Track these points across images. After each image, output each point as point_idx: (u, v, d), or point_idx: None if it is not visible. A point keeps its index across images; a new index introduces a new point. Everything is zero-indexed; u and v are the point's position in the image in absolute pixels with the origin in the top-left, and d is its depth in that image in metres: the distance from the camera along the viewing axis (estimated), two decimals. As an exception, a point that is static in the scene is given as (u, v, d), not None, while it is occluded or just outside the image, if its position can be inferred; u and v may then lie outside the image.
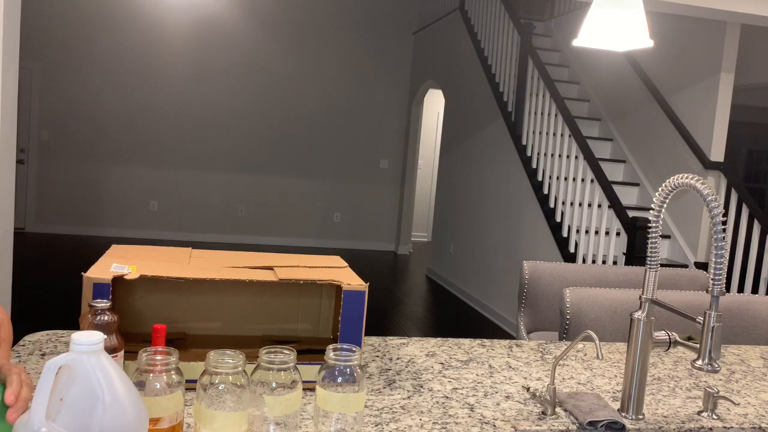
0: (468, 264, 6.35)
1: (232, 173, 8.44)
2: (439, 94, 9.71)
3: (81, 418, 0.74)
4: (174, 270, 1.18)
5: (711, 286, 1.08)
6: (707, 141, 4.80)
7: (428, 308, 6.02)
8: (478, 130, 6.31)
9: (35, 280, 5.59)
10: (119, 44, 7.92)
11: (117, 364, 0.84)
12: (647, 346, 1.21)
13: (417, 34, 8.63)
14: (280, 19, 8.36)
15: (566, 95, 6.47)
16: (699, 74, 4.94)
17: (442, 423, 1.11)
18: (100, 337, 0.77)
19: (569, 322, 2.12)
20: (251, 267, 1.26)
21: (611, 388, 1.37)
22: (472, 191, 6.37)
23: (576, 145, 4.71)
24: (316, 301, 1.37)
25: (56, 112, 7.87)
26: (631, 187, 5.46)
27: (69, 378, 0.75)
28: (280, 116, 8.52)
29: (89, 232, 8.05)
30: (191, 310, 1.30)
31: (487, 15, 6.27)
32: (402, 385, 1.27)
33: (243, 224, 8.54)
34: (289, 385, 0.94)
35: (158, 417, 0.90)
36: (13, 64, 2.91)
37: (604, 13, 1.66)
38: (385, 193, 9.00)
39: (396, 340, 1.57)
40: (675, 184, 1.15)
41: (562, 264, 2.70)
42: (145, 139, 8.15)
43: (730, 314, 2.20)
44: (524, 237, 5.27)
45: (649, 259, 1.21)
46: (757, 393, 1.42)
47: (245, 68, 8.32)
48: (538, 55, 5.33)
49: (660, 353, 1.67)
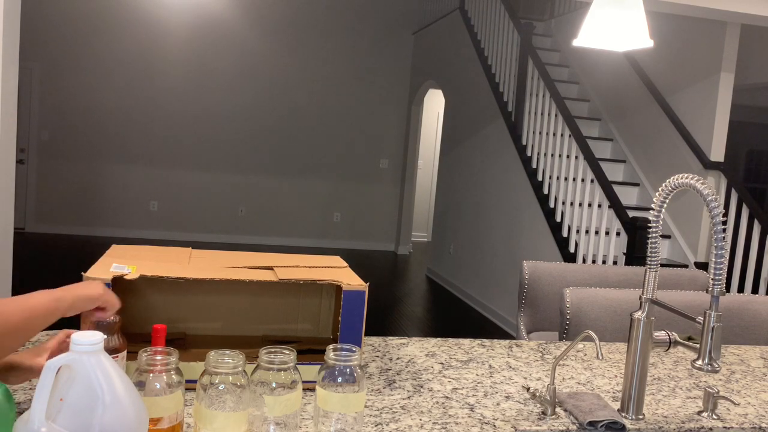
0: (468, 264, 6.35)
1: (232, 173, 8.44)
2: (439, 94, 9.71)
3: (81, 418, 0.74)
4: (174, 270, 1.18)
5: (711, 286, 1.08)
6: (707, 141, 4.80)
7: (428, 308, 6.02)
8: (478, 130, 6.31)
9: (35, 280, 5.58)
10: (119, 44, 7.92)
11: (118, 365, 0.84)
12: (647, 346, 1.21)
13: (417, 34, 8.63)
14: (280, 19, 8.36)
15: (566, 95, 6.47)
16: (699, 74, 4.94)
17: (442, 423, 1.11)
18: (100, 337, 0.77)
19: (569, 322, 2.12)
20: (251, 267, 1.26)
21: (611, 388, 1.37)
22: (472, 191, 6.37)
23: (576, 145, 4.71)
24: (316, 301, 1.37)
25: (56, 112, 7.87)
26: (631, 187, 5.46)
27: (69, 378, 0.75)
28: (280, 116, 8.52)
29: (89, 232, 8.05)
30: (191, 310, 1.30)
31: (487, 15, 6.27)
32: (402, 385, 1.27)
33: (243, 224, 8.54)
34: (289, 385, 0.94)
35: (158, 417, 0.90)
36: (13, 64, 2.91)
37: (604, 13, 1.66)
38: (385, 193, 9.00)
39: (396, 340, 1.57)
40: (675, 184, 1.15)
41: (562, 264, 2.70)
42: (145, 139, 8.15)
43: (730, 314, 2.20)
44: (524, 237, 5.27)
45: (649, 259, 1.21)
46: (757, 393, 1.42)
47: (245, 68, 8.32)
48: (538, 55, 5.33)
49: (660, 353, 1.67)
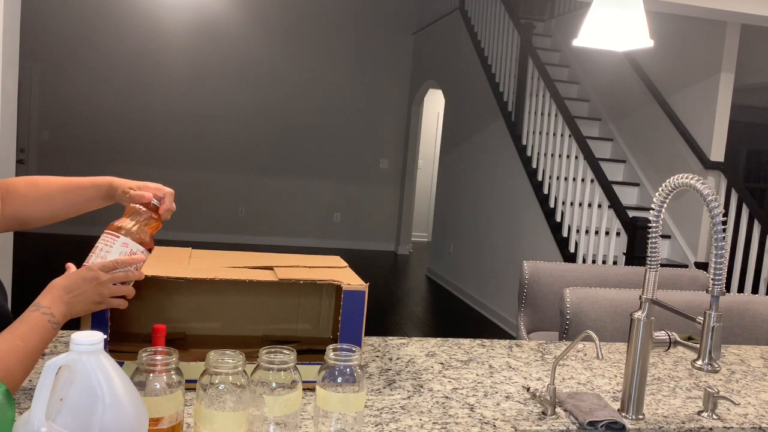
0: (468, 264, 6.34)
1: (232, 173, 8.44)
2: (439, 94, 9.70)
3: (81, 418, 0.74)
4: (174, 270, 1.18)
5: (711, 286, 1.08)
6: (707, 141, 4.80)
7: (428, 308, 6.02)
8: (478, 130, 6.31)
9: (35, 280, 5.58)
10: (120, 44, 7.92)
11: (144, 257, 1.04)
12: (647, 346, 1.21)
13: (417, 34, 8.63)
14: (280, 19, 8.36)
15: (566, 95, 6.46)
16: (699, 74, 4.94)
17: (442, 423, 1.11)
18: (100, 336, 0.77)
19: (569, 322, 2.12)
20: (251, 267, 1.26)
21: (611, 388, 1.37)
22: (472, 191, 6.37)
23: (576, 145, 4.71)
24: (316, 301, 1.37)
25: (56, 112, 7.87)
26: (631, 187, 5.46)
27: (69, 378, 0.75)
28: (279, 116, 8.52)
29: (89, 232, 8.05)
30: (191, 310, 1.30)
31: (487, 15, 6.27)
32: (402, 385, 1.27)
33: (243, 224, 8.54)
34: (289, 385, 0.94)
35: (158, 417, 0.90)
36: (13, 64, 2.91)
37: (604, 13, 1.66)
38: (385, 193, 9.00)
39: (396, 340, 1.57)
40: (675, 184, 1.15)
41: (562, 264, 2.70)
42: (145, 139, 8.15)
43: (730, 314, 2.20)
44: (524, 237, 5.27)
45: (649, 259, 1.21)
46: (757, 393, 1.42)
47: (245, 68, 8.32)
48: (538, 55, 5.33)
49: (660, 353, 1.67)
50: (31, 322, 0.95)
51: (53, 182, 1.21)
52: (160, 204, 1.13)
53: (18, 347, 0.91)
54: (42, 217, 1.21)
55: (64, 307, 0.99)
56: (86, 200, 1.20)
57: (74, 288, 1.00)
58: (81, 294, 1.01)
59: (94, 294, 1.02)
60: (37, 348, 0.94)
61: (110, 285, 1.03)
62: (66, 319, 1.00)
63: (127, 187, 1.15)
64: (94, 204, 1.20)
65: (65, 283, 1.01)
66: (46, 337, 0.95)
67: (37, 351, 0.94)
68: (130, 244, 1.06)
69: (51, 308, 0.97)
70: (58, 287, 1.00)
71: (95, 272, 1.02)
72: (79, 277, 1.01)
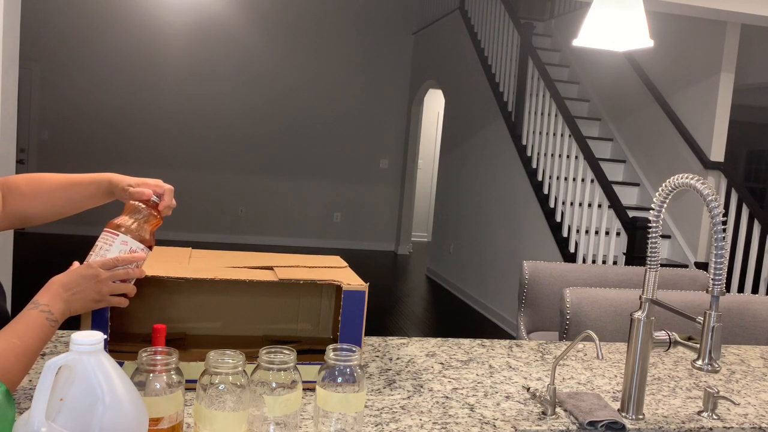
0: (468, 264, 6.34)
1: (232, 173, 8.44)
2: (439, 94, 9.70)
3: (81, 418, 0.74)
4: (174, 270, 1.18)
5: (711, 286, 1.08)
6: (707, 141, 4.80)
7: (428, 308, 6.02)
8: (478, 130, 6.31)
9: (35, 280, 5.58)
10: (120, 44, 7.92)
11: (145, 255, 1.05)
12: (647, 346, 1.21)
13: (417, 34, 8.63)
14: (280, 19, 8.36)
15: (566, 95, 6.46)
16: (699, 74, 4.93)
17: (442, 423, 1.11)
18: (100, 336, 0.77)
19: (569, 322, 2.12)
20: (251, 267, 1.26)
21: (611, 388, 1.37)
22: (472, 191, 6.37)
23: (576, 145, 4.71)
24: (316, 301, 1.37)
25: (56, 112, 7.86)
26: (631, 187, 5.46)
27: (69, 378, 0.75)
28: (279, 116, 8.52)
29: (89, 232, 8.04)
30: (191, 310, 1.30)
31: (487, 15, 6.27)
32: (402, 385, 1.27)
33: (243, 224, 8.54)
34: (289, 385, 0.94)
35: (158, 417, 0.90)
36: (13, 64, 2.91)
37: (604, 13, 1.66)
38: (385, 193, 9.00)
39: (396, 340, 1.57)
40: (675, 184, 1.15)
41: (562, 264, 2.70)
42: (145, 139, 8.14)
43: (730, 314, 2.20)
44: (524, 237, 5.27)
45: (649, 259, 1.21)
46: (757, 393, 1.42)
47: (245, 68, 8.32)
48: (538, 55, 5.33)
49: (660, 353, 1.67)
50: (29, 320, 0.94)
51: (53, 179, 1.21)
52: (160, 201, 1.13)
53: (15, 345, 0.91)
54: (42, 214, 1.21)
55: (62, 305, 0.99)
56: (86, 197, 1.20)
57: (73, 286, 1.00)
58: (80, 292, 1.00)
59: (93, 292, 1.01)
60: (35, 346, 0.94)
61: (110, 283, 1.03)
62: (65, 317, 1.00)
63: (127, 184, 1.15)
64: (95, 201, 1.20)
65: (64, 281, 1.00)
66: (44, 335, 0.95)
67: (36, 349, 0.94)
68: (130, 242, 1.06)
69: (50, 306, 0.97)
70: (57, 284, 0.99)
71: (95, 270, 1.01)
72: (79, 274, 1.01)
